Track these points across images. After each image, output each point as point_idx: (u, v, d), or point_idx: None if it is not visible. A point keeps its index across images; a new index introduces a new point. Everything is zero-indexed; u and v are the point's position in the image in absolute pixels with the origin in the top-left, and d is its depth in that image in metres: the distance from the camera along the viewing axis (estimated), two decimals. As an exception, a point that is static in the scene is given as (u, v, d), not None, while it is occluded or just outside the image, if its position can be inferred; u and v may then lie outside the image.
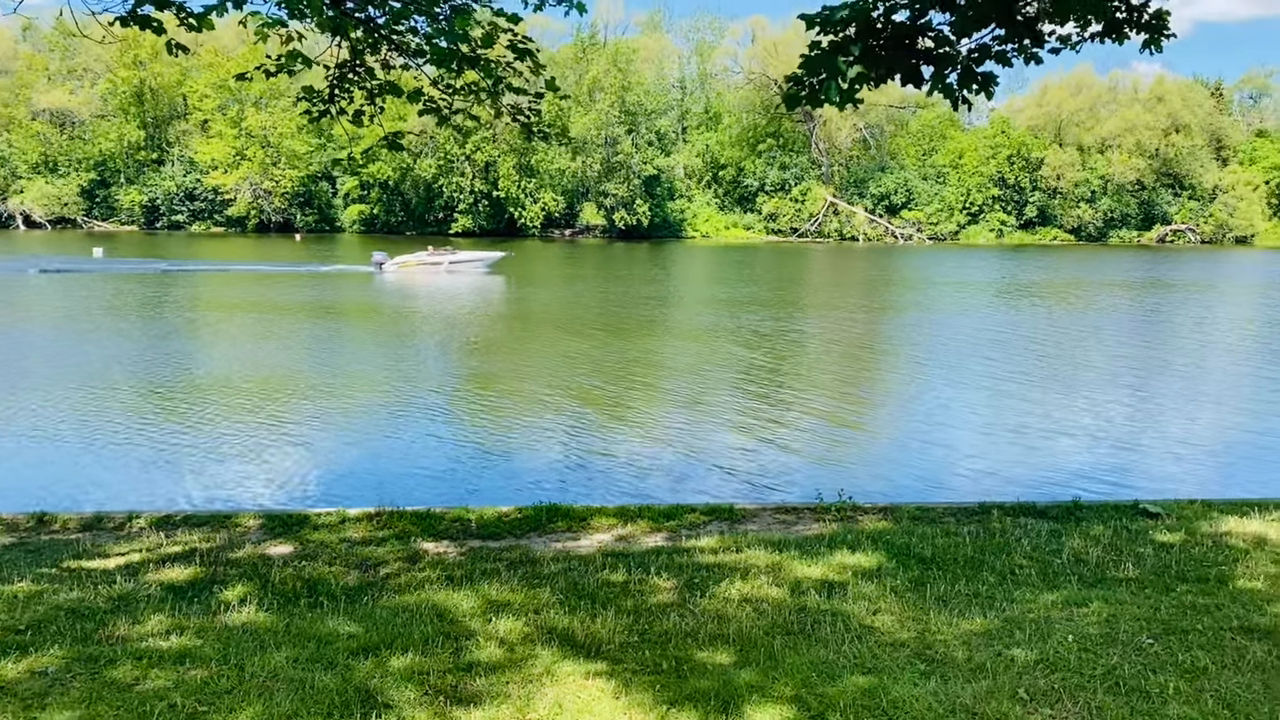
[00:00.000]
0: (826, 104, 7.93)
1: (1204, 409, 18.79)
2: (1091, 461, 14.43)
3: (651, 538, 8.99)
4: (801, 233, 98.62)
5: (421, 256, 49.22)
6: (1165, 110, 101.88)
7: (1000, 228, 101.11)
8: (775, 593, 7.06)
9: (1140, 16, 8.64)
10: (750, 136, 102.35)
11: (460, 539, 8.91)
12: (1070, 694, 5.18)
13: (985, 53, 8.10)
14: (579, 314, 33.89)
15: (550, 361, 23.49)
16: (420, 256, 49.22)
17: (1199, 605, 6.66)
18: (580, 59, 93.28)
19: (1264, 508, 9.61)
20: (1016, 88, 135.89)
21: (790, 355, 25.06)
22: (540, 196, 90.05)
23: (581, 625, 6.32)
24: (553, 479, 13.20)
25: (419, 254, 49.70)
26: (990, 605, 6.72)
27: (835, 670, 5.54)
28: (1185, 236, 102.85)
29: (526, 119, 9.67)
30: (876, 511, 9.91)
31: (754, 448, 15.18)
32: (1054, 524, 9.05)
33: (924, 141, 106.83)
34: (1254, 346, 28.94)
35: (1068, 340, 28.69)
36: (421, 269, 48.07)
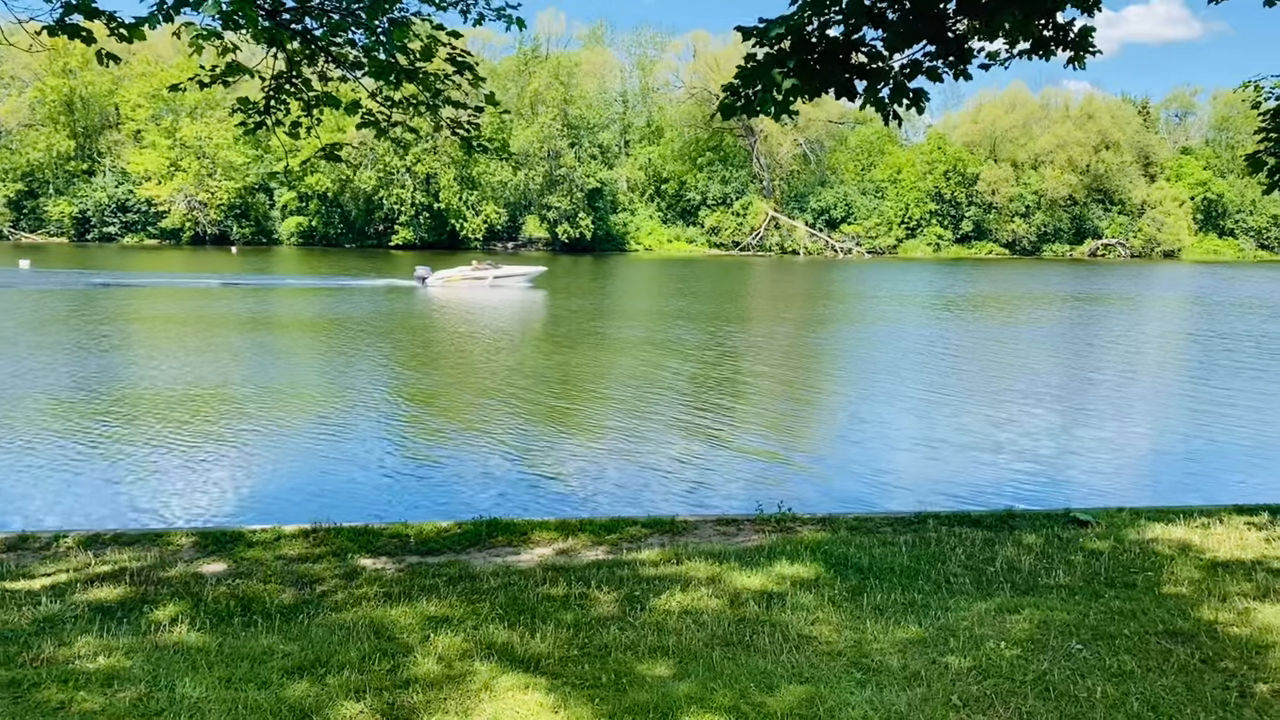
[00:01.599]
0: (762, 114, 8.04)
1: (1132, 420, 19.28)
2: (1025, 471, 14.72)
3: (592, 551, 8.97)
4: (743, 246, 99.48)
5: (465, 271, 49.42)
6: (1095, 127, 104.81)
7: (937, 242, 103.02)
8: (715, 604, 7.08)
9: (1066, 34, 8.89)
10: (692, 151, 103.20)
11: (399, 555, 8.81)
12: (1002, 700, 5.27)
13: (916, 68, 8.26)
14: (524, 327, 33.78)
15: (493, 374, 23.36)
16: (464, 271, 49.43)
17: (1126, 611, 6.82)
18: (522, 72, 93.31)
19: (1188, 515, 9.88)
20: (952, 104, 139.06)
21: (732, 368, 25.21)
22: (482, 209, 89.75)
23: (521, 640, 6.29)
24: (494, 494, 13.11)
25: (462, 269, 49.94)
26: (925, 613, 6.82)
27: (773, 680, 5.58)
28: (1116, 250, 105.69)
29: (466, 132, 9.64)
30: (816, 522, 9.99)
31: (696, 460, 15.24)
32: (988, 533, 9.21)
33: (863, 157, 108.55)
34: (1179, 359, 29.80)
35: (1002, 353, 29.27)
36: (466, 284, 48.26)
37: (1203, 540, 8.89)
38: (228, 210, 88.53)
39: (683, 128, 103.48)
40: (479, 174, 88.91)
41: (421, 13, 9.28)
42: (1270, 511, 10.12)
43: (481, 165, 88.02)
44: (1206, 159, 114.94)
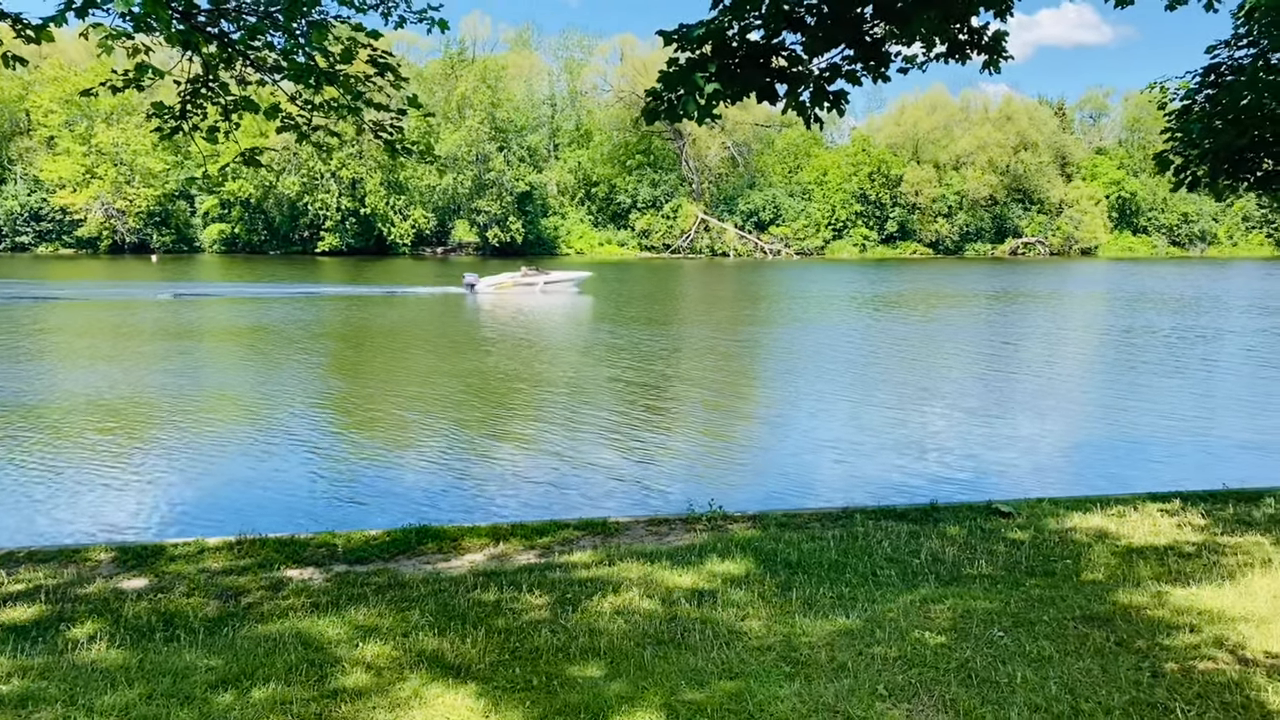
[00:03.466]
0: (685, 118, 8.10)
1: (1051, 414, 19.81)
2: (949, 466, 15.03)
3: (525, 555, 8.94)
4: (674, 249, 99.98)
5: (515, 277, 49.85)
6: (1014, 129, 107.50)
7: (863, 242, 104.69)
8: (647, 604, 7.12)
9: (980, 38, 9.11)
10: (622, 154, 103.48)
11: (326, 565, 8.69)
12: (926, 688, 5.39)
13: (836, 72, 8.40)
14: (451, 331, 33.50)
15: (424, 381, 23.14)
16: (514, 277, 49.85)
17: (1045, 598, 7.02)
18: (449, 75, 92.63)
19: (1105, 503, 10.20)
20: (875, 107, 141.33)
21: (663, 369, 25.32)
22: (410, 214, 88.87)
23: (451, 646, 6.25)
24: (425, 501, 12.98)
25: (512, 275, 50.30)
26: (853, 606, 6.94)
27: (703, 677, 5.63)
28: (1035, 249, 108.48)
29: (389, 135, 9.55)
30: (746, 519, 10.10)
31: (629, 462, 15.27)
32: (913, 526, 9.40)
33: (789, 159, 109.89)
34: (1095, 354, 30.69)
35: (925, 350, 29.84)
36: (518, 290, 48.82)
37: (1119, 528, 9.19)
38: (147, 218, 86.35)
39: (612, 131, 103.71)
40: (406, 178, 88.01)
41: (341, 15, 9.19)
42: (1182, 498, 10.49)
43: (409, 170, 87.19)
44: (1120, 159, 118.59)
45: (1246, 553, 8.19)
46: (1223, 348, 30.57)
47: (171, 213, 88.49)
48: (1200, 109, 11.83)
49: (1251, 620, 6.45)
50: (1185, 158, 12.00)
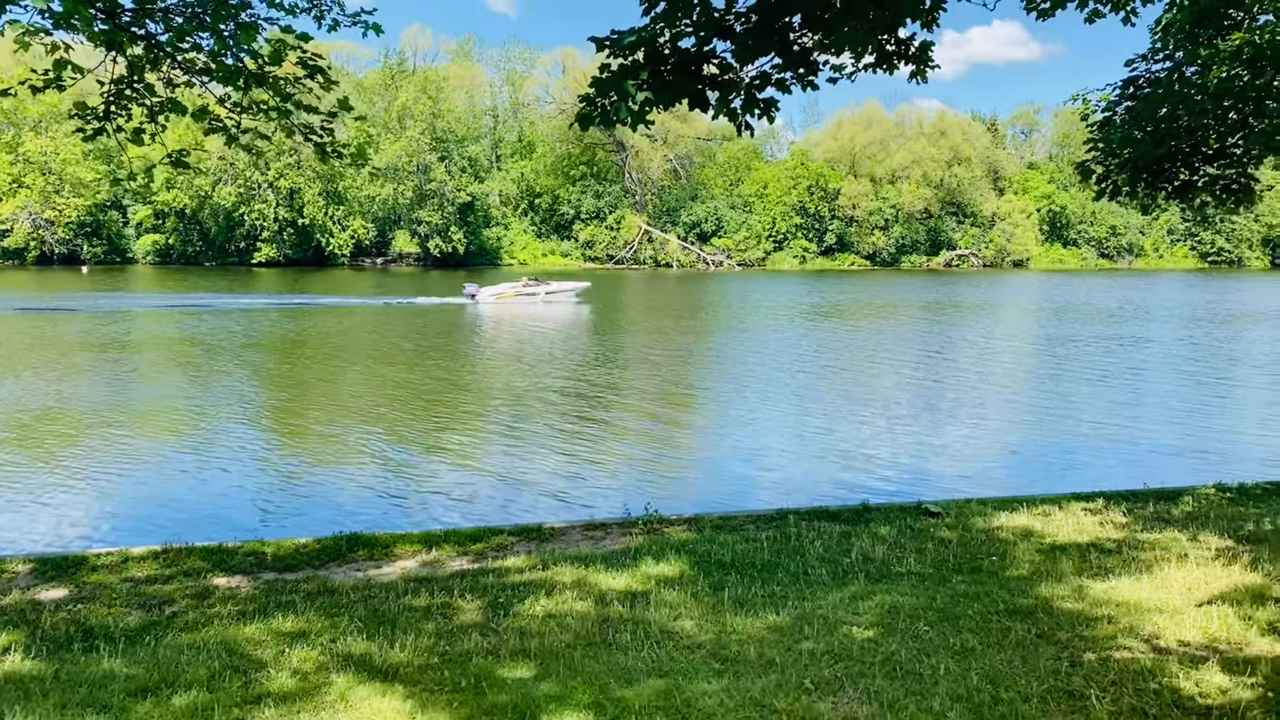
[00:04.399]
0: (619, 124, 8.15)
1: (982, 418, 20.20)
2: (881, 468, 15.26)
3: (458, 561, 8.89)
4: (617, 259, 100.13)
5: (516, 287, 51.00)
6: (948, 144, 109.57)
7: (803, 254, 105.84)
8: (580, 606, 7.12)
9: (908, 49, 9.29)
10: (565, 165, 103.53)
11: (254, 573, 8.54)
12: (852, 681, 5.47)
13: (766, 79, 8.51)
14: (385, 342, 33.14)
15: (360, 390, 22.87)
16: (515, 287, 51.02)
17: (971, 593, 7.16)
18: (389, 86, 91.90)
19: (1031, 503, 10.43)
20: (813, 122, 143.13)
21: (603, 377, 25.32)
22: (349, 224, 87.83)
23: (380, 650, 6.19)
24: (360, 509, 12.83)
25: (513, 284, 51.57)
26: (784, 604, 7.01)
27: (633, 675, 5.64)
28: (969, 261, 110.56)
29: (320, 138, 9.45)
30: (682, 523, 10.15)
31: (567, 469, 15.25)
32: (845, 526, 9.52)
33: (730, 172, 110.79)
34: (1025, 362, 31.36)
35: (861, 358, 30.25)
36: (519, 300, 49.69)
37: (1043, 526, 9.40)
38: (77, 229, 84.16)
39: (555, 143, 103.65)
40: (345, 188, 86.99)
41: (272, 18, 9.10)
42: (1105, 498, 10.77)
43: (348, 180, 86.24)
44: (1050, 173, 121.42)
45: (1164, 548, 8.43)
46: (1146, 356, 31.43)
47: (103, 223, 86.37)
48: (1120, 120, 12.17)
49: (1166, 611, 6.64)
50: (1106, 167, 12.32)
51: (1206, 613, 6.58)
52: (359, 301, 50.77)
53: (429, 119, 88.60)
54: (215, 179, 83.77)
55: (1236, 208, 13.39)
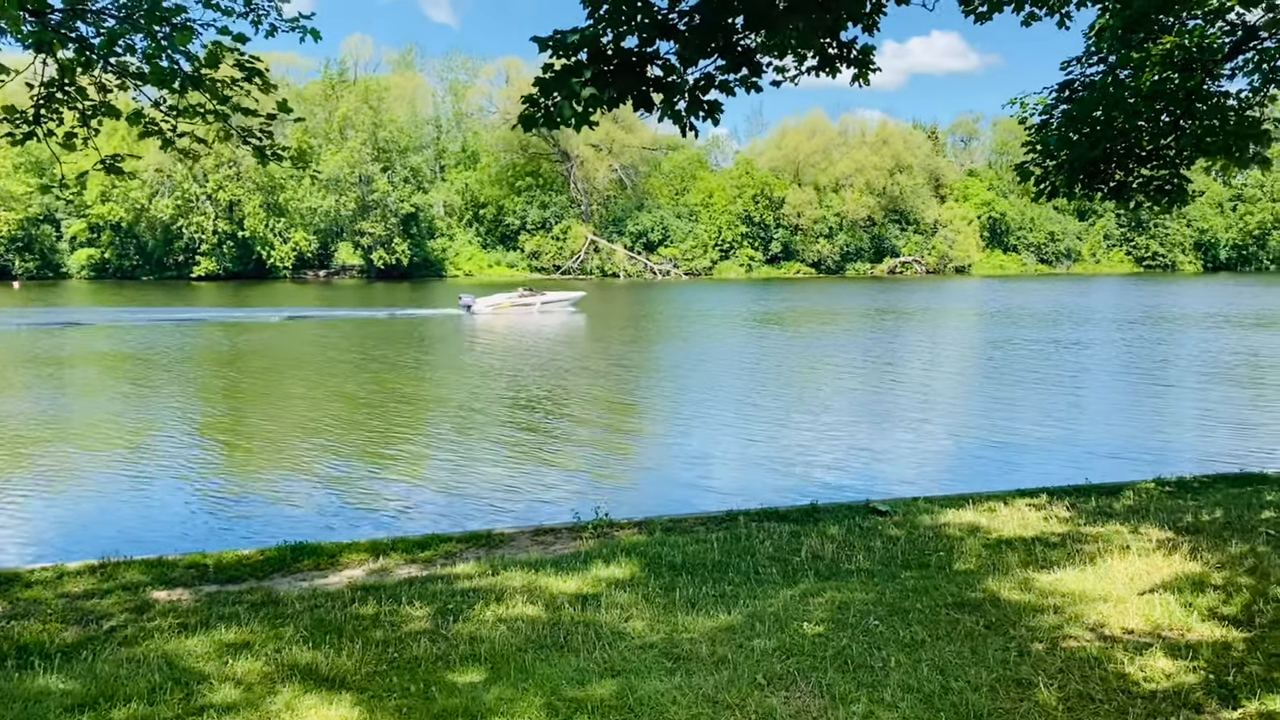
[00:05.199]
0: (563, 125, 8.12)
1: (928, 420, 20.45)
2: (830, 469, 15.37)
3: (406, 569, 8.75)
4: (564, 270, 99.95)
5: (513, 298, 51.30)
6: (890, 152, 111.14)
7: (749, 262, 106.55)
8: (531, 610, 7.04)
9: (849, 52, 9.41)
10: (510, 175, 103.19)
11: (196, 585, 8.33)
12: (804, 675, 5.46)
13: (710, 81, 8.55)
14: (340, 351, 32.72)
15: (310, 401, 22.52)
16: (512, 297, 51.32)
17: (919, 587, 7.21)
18: (330, 96, 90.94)
19: (977, 500, 10.55)
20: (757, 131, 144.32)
21: (554, 386, 25.22)
22: (291, 236, 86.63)
23: (326, 659, 6.07)
24: (307, 520, 12.60)
25: (509, 295, 51.87)
26: (735, 603, 7.00)
27: (585, 676, 5.59)
28: (912, 267, 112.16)
29: (258, 141, 9.30)
30: (632, 526, 10.10)
31: (518, 476, 15.14)
32: (795, 526, 9.55)
33: (676, 181, 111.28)
34: (968, 364, 31.86)
35: (808, 364, 30.50)
36: (515, 310, 49.95)
37: (989, 522, 9.51)
38: (8, 243, 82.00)
39: (499, 153, 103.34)
40: (286, 200, 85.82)
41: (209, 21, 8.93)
42: (1049, 493, 10.94)
43: (289, 191, 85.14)
44: (990, 180, 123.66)
45: (1107, 540, 8.56)
46: (1084, 358, 32.07)
47: (35, 237, 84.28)
48: (1057, 122, 12.39)
49: (1110, 600, 6.74)
50: (1044, 169, 12.53)
51: (1149, 601, 6.69)
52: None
53: (371, 129, 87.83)
54: (152, 191, 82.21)
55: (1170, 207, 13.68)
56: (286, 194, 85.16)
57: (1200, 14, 11.69)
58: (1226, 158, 12.33)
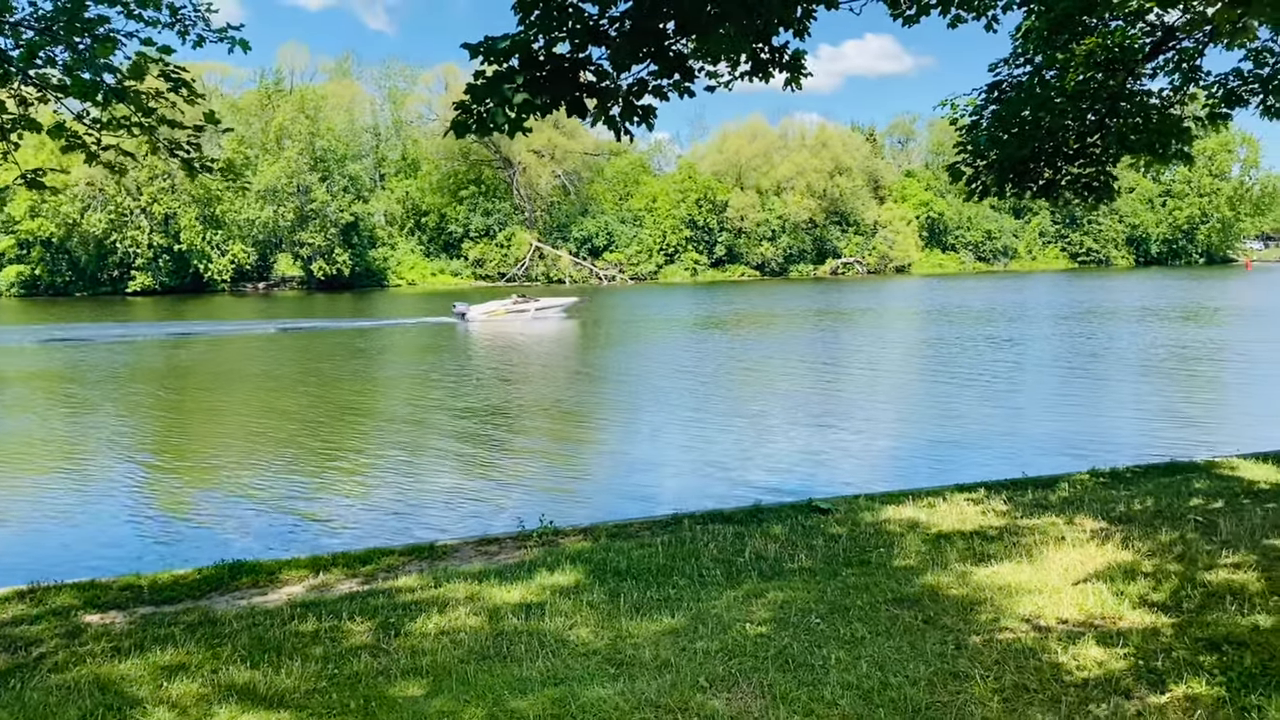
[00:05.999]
0: (496, 130, 8.08)
1: (869, 418, 20.71)
2: (774, 470, 15.49)
3: (347, 584, 8.64)
4: (509, 277, 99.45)
5: (507, 305, 51.72)
6: (829, 155, 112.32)
7: (694, 266, 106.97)
8: (473, 621, 7.00)
9: (781, 57, 9.50)
10: (451, 183, 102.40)
11: (130, 607, 8.15)
12: (746, 676, 5.49)
13: (643, 87, 8.57)
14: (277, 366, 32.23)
15: (251, 417, 22.15)
16: (506, 304, 51.74)
17: (860, 584, 7.29)
18: (266, 106, 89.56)
19: (916, 496, 10.70)
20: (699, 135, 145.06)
21: (499, 395, 25.10)
22: (229, 249, 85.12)
23: (265, 678, 5.98)
24: (246, 538, 12.40)
25: (503, 302, 52.40)
26: (679, 606, 7.01)
27: (528, 685, 5.57)
28: (854, 268, 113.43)
29: (186, 154, 9.14)
30: (578, 533, 10.08)
31: (463, 487, 15.04)
32: (739, 527, 9.60)
33: (620, 187, 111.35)
34: (909, 363, 32.30)
35: (752, 366, 30.70)
36: (510, 317, 50.14)
37: (929, 517, 9.65)
38: (-68, 261, 79.62)
39: (440, 160, 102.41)
40: (223, 212, 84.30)
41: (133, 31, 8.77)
42: (987, 487, 11.12)
43: (226, 203, 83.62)
44: (927, 181, 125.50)
45: (1043, 532, 8.73)
46: (1021, 353, 32.71)
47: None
48: (987, 123, 12.59)
49: (1045, 591, 6.87)
50: (975, 169, 12.72)
51: (1083, 590, 6.83)
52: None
53: (308, 138, 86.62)
54: (84, 205, 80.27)
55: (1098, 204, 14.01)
56: (224, 206, 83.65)
57: (1121, 15, 11.97)
58: (1150, 155, 12.65)
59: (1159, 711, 4.86)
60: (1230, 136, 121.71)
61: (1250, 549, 7.72)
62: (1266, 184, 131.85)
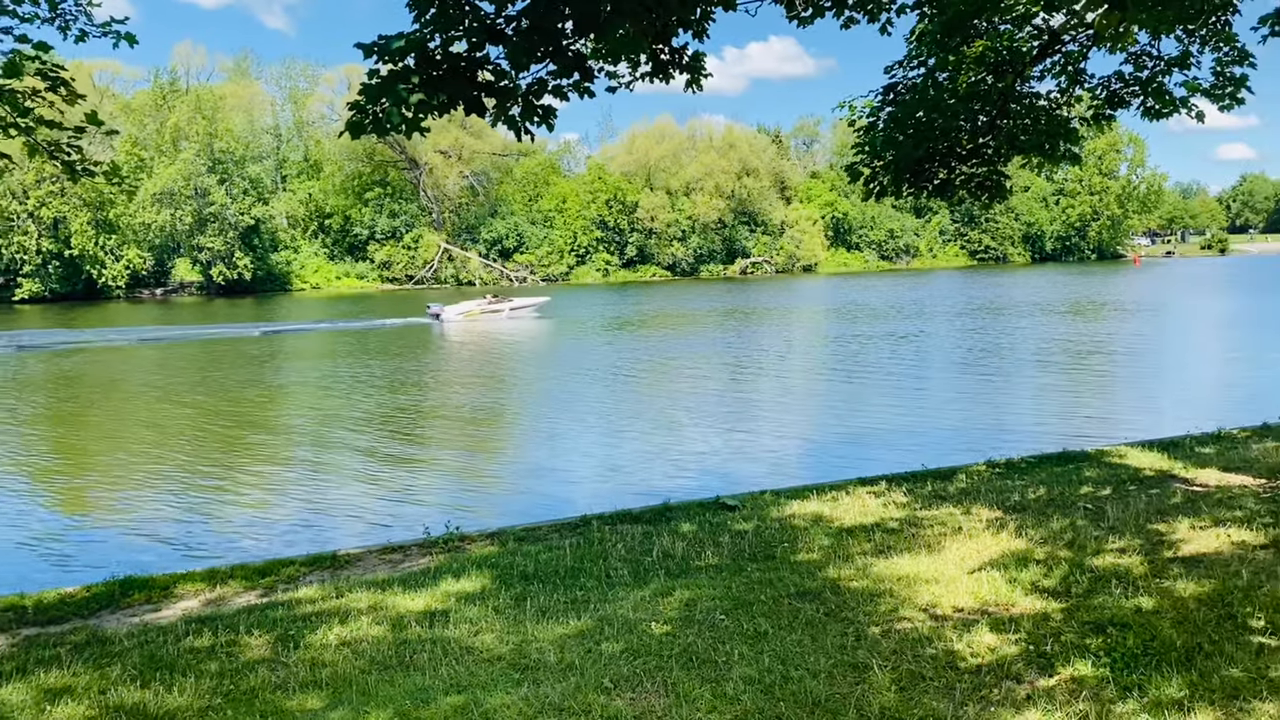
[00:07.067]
0: (392, 131, 7.95)
1: (775, 415, 21.01)
2: (684, 469, 15.60)
3: (245, 597, 8.41)
4: (417, 280, 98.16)
5: (482, 304, 52.17)
6: (737, 156, 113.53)
7: (606, 267, 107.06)
8: (376, 631, 6.87)
9: (681, 58, 9.55)
10: (356, 184, 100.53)
11: (13, 629, 7.78)
12: (650, 675, 5.50)
13: (543, 86, 8.52)
14: (171, 374, 31.21)
15: (142, 429, 21.39)
16: (481, 304, 52.18)
17: (765, 580, 7.37)
18: (161, 106, 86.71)
19: (821, 491, 10.87)
20: (608, 136, 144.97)
21: (403, 401, 24.72)
22: (124, 254, 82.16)
23: (156, 697, 5.77)
24: (140, 552, 11.96)
25: (478, 302, 52.91)
26: (585, 608, 6.99)
27: (430, 694, 5.48)
28: (763, 267, 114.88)
29: (67, 156, 8.79)
30: (485, 538, 9.99)
31: (368, 496, 14.77)
32: (647, 526, 9.62)
33: (529, 188, 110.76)
34: (815, 360, 32.87)
35: (663, 366, 30.86)
36: (485, 317, 50.38)
37: (832, 511, 9.80)
38: None
39: (344, 161, 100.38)
40: (117, 216, 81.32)
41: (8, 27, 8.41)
42: (888, 480, 11.36)
43: (120, 206, 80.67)
44: (832, 181, 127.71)
45: (941, 523, 8.95)
46: (922, 348, 33.56)
47: None
48: (883, 124, 12.84)
49: (942, 581, 7.04)
50: (873, 169, 12.96)
51: (977, 579, 7.02)
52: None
53: (206, 139, 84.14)
54: (-36, 210, 76.66)
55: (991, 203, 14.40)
56: (118, 210, 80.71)
57: (1010, 19, 12.33)
58: (1040, 155, 13.06)
59: (1047, 694, 5.02)
60: (1118, 137, 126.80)
61: (1135, 534, 8.03)
62: (1152, 182, 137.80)
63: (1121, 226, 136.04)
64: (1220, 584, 6.50)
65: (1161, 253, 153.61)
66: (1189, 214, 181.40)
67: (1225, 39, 11.95)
